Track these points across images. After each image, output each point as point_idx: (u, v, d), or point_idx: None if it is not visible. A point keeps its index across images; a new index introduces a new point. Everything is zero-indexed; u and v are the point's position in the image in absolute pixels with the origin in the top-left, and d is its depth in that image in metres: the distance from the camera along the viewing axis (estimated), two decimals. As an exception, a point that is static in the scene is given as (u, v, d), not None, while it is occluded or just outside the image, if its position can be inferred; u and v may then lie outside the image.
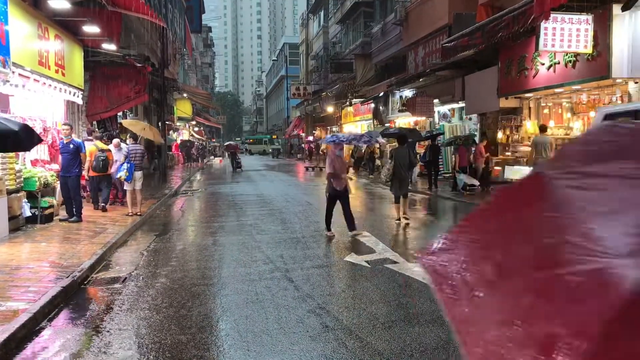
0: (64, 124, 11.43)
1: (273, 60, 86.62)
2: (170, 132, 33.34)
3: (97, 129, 15.84)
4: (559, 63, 13.91)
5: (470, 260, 0.82)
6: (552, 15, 11.85)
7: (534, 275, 0.72)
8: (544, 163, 0.92)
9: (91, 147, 12.19)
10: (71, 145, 10.88)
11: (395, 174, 10.97)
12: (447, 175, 19.99)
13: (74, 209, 10.91)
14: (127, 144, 12.71)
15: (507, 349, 0.69)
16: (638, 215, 0.69)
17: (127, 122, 16.32)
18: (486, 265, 0.78)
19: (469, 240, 0.85)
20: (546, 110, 17.28)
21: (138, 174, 12.20)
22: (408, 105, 22.81)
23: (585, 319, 0.66)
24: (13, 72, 9.40)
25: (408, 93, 24.50)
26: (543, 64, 14.57)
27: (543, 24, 12.27)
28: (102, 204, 12.62)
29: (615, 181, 0.76)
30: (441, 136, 20.05)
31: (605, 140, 0.87)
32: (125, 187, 12.27)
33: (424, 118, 23.79)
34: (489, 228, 0.82)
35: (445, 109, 22.40)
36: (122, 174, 11.95)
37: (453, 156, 18.69)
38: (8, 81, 9.39)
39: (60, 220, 10.93)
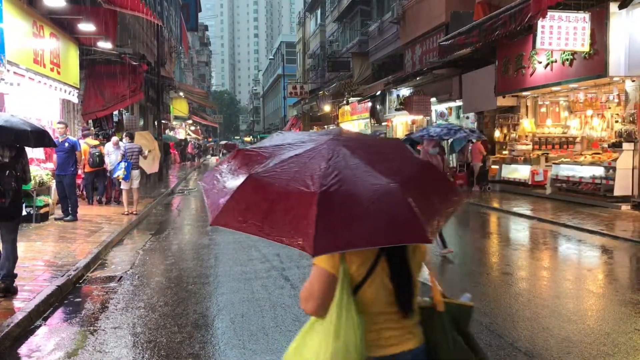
0: (59, 123, 11.36)
1: (270, 59, 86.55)
2: (167, 130, 33.22)
3: (92, 128, 15.78)
4: (556, 61, 13.91)
5: (215, 177, 2.00)
6: (549, 13, 11.84)
7: (227, 182, 1.92)
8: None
9: (83, 146, 12.44)
10: (66, 144, 10.83)
11: None
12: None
13: (70, 208, 10.86)
14: (123, 143, 12.67)
15: (218, 198, 1.89)
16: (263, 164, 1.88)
17: (143, 136, 16.28)
18: (217, 178, 1.99)
19: (214, 171, 2.05)
20: (543, 109, 17.29)
21: (135, 173, 12.16)
22: (405, 104, 22.78)
23: (232, 188, 1.83)
24: (8, 71, 9.34)
25: (405, 92, 24.48)
26: (540, 63, 14.57)
27: (540, 22, 12.27)
28: (99, 197, 13.40)
29: (258, 153, 1.97)
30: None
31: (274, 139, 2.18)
32: (122, 186, 12.23)
33: (421, 117, 23.77)
34: (221, 166, 2.03)
35: (442, 107, 22.39)
36: (120, 173, 11.90)
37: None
38: (3, 79, 9.33)
39: (56, 219, 10.88)
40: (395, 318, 1.94)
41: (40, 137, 6.19)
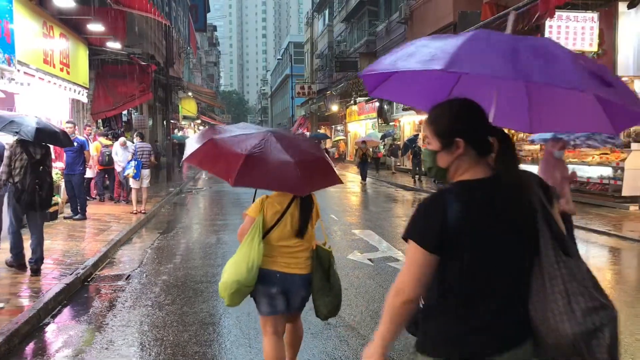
0: (67, 122, 11.45)
1: (278, 59, 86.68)
2: (176, 130, 33.36)
3: (102, 127, 15.91)
4: (564, 61, 13.84)
5: (197, 138, 3.55)
6: (557, 13, 11.80)
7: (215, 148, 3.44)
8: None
9: (96, 144, 12.95)
10: (75, 143, 10.90)
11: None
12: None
13: (79, 207, 10.95)
14: (133, 142, 12.79)
15: (192, 147, 3.45)
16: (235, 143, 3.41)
17: None
18: (198, 138, 3.54)
19: (201, 134, 3.66)
20: (551, 109, 17.18)
21: (145, 172, 12.22)
22: (412, 104, 22.71)
23: (201, 142, 3.44)
24: (18, 71, 9.43)
25: (413, 92, 24.40)
26: (548, 62, 14.50)
27: (548, 22, 12.22)
28: (109, 194, 13.88)
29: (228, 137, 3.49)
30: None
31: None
32: (131, 185, 12.31)
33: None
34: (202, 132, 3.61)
35: (449, 107, 22.30)
36: (130, 172, 11.97)
37: None
38: (13, 79, 9.42)
39: (65, 218, 10.97)
40: (289, 251, 3.41)
41: (66, 138, 7.14)
